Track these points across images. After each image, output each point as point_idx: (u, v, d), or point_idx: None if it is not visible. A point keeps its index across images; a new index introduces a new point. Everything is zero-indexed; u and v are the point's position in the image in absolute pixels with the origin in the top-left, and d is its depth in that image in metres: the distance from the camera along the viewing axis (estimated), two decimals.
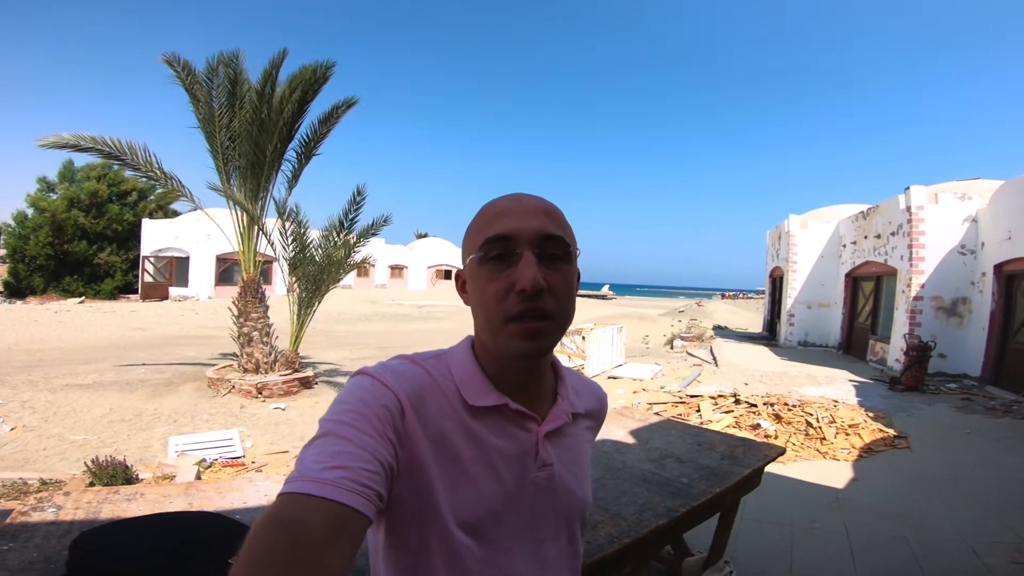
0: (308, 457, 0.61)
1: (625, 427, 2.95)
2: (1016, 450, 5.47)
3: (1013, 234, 8.71)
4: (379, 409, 0.66)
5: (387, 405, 0.67)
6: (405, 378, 0.72)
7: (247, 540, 0.52)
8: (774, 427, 5.95)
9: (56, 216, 22.70)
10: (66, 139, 6.57)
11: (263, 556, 0.50)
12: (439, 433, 0.72)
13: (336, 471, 0.58)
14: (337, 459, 0.59)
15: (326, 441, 0.62)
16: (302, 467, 0.59)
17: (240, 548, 0.51)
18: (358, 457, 0.60)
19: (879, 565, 3.18)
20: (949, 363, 9.75)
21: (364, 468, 0.60)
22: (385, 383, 0.70)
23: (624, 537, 1.70)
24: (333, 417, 0.65)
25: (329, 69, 7.50)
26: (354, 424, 0.64)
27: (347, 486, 0.57)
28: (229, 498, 1.95)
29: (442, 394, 0.75)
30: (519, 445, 0.78)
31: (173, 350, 11.04)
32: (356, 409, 0.66)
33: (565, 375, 0.88)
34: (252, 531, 0.53)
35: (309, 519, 0.54)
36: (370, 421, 0.65)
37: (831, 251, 14.40)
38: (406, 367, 0.75)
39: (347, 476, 0.58)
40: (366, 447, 0.62)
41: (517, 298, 0.70)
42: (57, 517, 1.68)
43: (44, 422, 5.69)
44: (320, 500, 0.55)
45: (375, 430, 0.64)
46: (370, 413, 0.65)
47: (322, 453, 0.60)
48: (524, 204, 0.75)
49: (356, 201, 7.99)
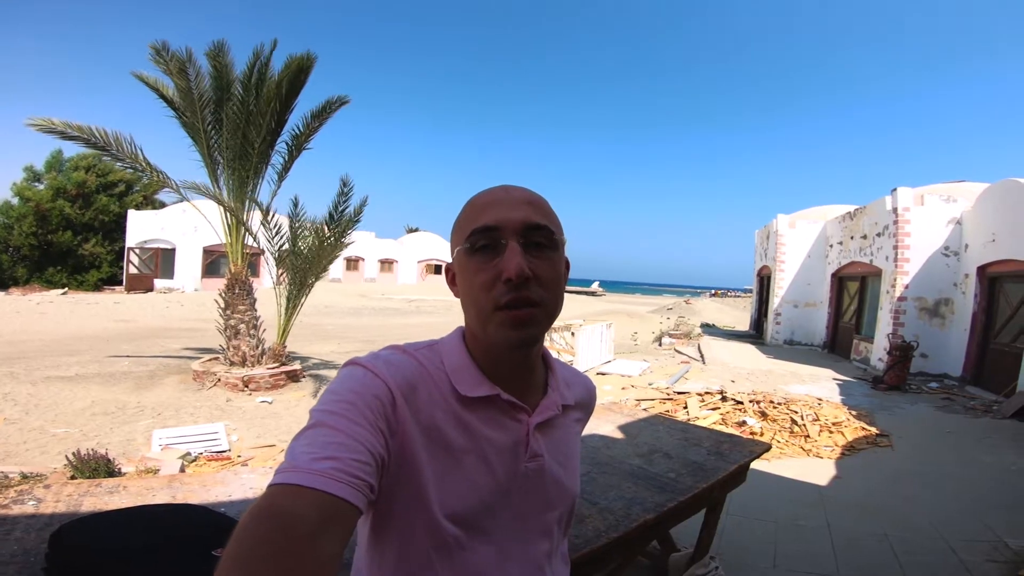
0: (299, 448, 0.60)
1: (613, 423, 2.97)
2: (995, 450, 5.56)
3: (997, 236, 8.85)
4: (371, 399, 0.66)
5: (379, 395, 0.67)
6: (397, 368, 0.72)
7: (236, 531, 0.51)
8: (760, 424, 6.01)
9: (41, 206, 22.34)
10: (55, 124, 6.50)
11: (252, 547, 0.50)
12: (431, 423, 0.72)
13: (327, 462, 0.58)
14: (328, 450, 0.59)
15: (317, 432, 0.62)
16: (293, 458, 0.59)
17: (228, 540, 0.50)
18: (349, 448, 0.60)
19: (860, 561, 3.23)
20: (931, 363, 9.91)
21: (355, 459, 0.60)
22: (377, 373, 0.69)
23: (612, 531, 1.71)
24: (324, 407, 0.65)
25: (311, 60, 7.47)
26: (345, 414, 0.63)
27: (338, 477, 0.57)
28: (214, 491, 1.93)
29: (434, 384, 0.75)
30: (510, 436, 0.78)
31: (158, 342, 10.92)
32: (347, 399, 0.65)
33: (556, 367, 0.88)
34: (241, 522, 0.52)
35: (300, 510, 0.53)
36: (361, 412, 0.64)
37: (818, 251, 14.55)
38: (398, 357, 0.74)
39: (338, 467, 0.58)
40: (357, 438, 0.62)
41: (504, 287, 0.70)
42: (37, 510, 1.66)
43: (25, 415, 5.61)
44: (311, 491, 0.55)
45: (367, 420, 0.64)
46: (361, 403, 0.65)
47: (313, 444, 0.60)
48: (509, 195, 0.76)
49: (344, 193, 7.93)
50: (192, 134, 7.55)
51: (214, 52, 7.40)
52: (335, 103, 7.95)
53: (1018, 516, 3.87)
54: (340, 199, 7.94)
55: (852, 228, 12.56)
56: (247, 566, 0.48)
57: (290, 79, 7.33)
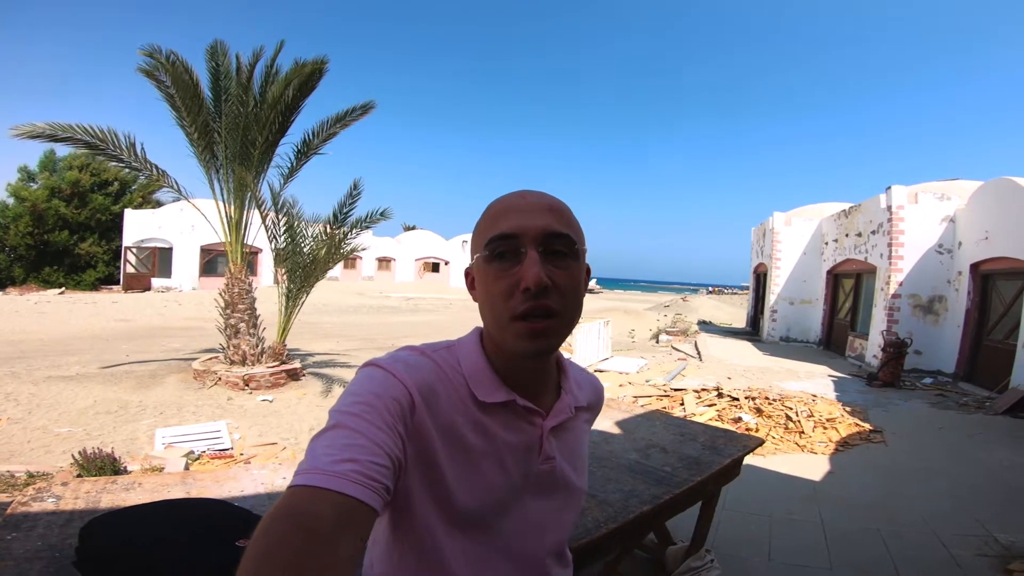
0: (319, 449, 0.62)
1: (612, 418, 3.04)
2: (986, 446, 5.61)
3: (990, 234, 8.94)
4: (390, 402, 0.67)
5: (398, 398, 0.68)
6: (416, 370, 0.72)
7: (257, 531, 0.53)
8: (755, 420, 6.09)
9: (37, 205, 22.29)
10: (40, 128, 6.34)
11: (273, 547, 0.51)
12: (449, 425, 0.73)
13: (346, 464, 0.59)
14: (347, 452, 0.60)
15: (337, 433, 0.63)
16: (313, 459, 0.60)
17: (251, 539, 0.52)
18: (368, 450, 0.61)
19: (853, 555, 3.28)
20: (925, 359, 9.99)
21: (373, 461, 0.61)
22: (396, 375, 0.70)
23: (611, 522, 1.77)
24: (344, 408, 0.66)
25: (324, 64, 7.46)
26: (364, 416, 0.64)
27: (357, 479, 0.58)
28: (227, 486, 1.99)
29: (452, 387, 0.76)
30: (525, 439, 0.80)
31: (157, 342, 10.94)
32: (367, 401, 0.66)
33: (568, 369, 0.90)
34: (262, 523, 0.54)
35: (319, 511, 0.55)
36: (380, 414, 0.65)
37: (814, 248, 14.64)
38: (417, 359, 0.75)
39: (357, 469, 0.59)
40: (376, 440, 0.63)
41: (522, 296, 0.71)
42: (57, 507, 1.71)
43: (28, 414, 5.64)
44: (330, 493, 0.56)
45: (385, 423, 0.65)
46: (381, 406, 0.66)
47: (332, 445, 0.61)
48: (529, 201, 0.76)
49: (352, 195, 7.95)
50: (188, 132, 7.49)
51: (212, 51, 7.43)
52: (358, 110, 7.88)
53: (1008, 511, 3.92)
54: (348, 200, 7.96)
55: (847, 226, 12.65)
56: (268, 565, 0.50)
57: (301, 81, 7.32)
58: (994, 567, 3.11)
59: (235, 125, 7.33)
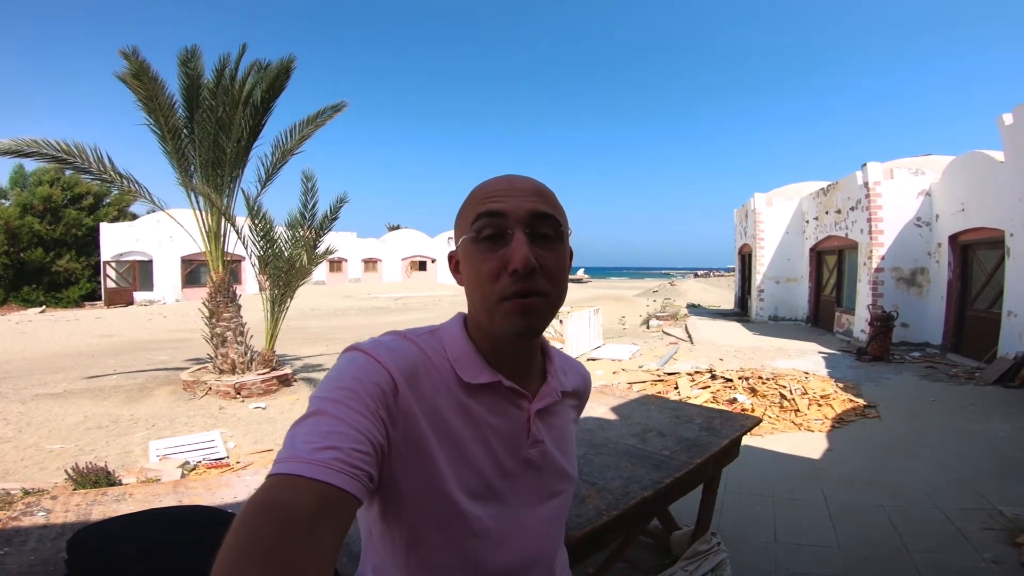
0: (299, 436, 0.60)
1: (606, 404, 3.02)
2: (980, 417, 5.64)
3: (966, 206, 9.08)
4: (371, 387, 0.65)
5: (379, 383, 0.66)
6: (399, 354, 0.71)
7: (235, 524, 0.50)
8: (750, 400, 6.12)
9: (10, 223, 21.77)
10: (6, 145, 6.17)
11: (251, 541, 0.49)
12: (433, 410, 0.72)
13: (327, 452, 0.57)
14: (328, 439, 0.58)
15: (318, 420, 0.61)
16: (293, 446, 0.59)
17: (228, 530, 0.50)
18: (350, 438, 0.60)
19: (859, 532, 3.27)
20: (912, 332, 10.15)
21: (356, 449, 0.59)
22: (378, 359, 0.69)
23: (612, 510, 1.75)
24: (324, 395, 0.64)
25: (291, 64, 7.36)
26: (346, 402, 0.63)
27: (339, 468, 0.57)
28: (219, 493, 1.96)
29: (436, 371, 0.74)
30: (512, 422, 0.79)
31: (144, 355, 10.79)
32: (348, 387, 0.65)
33: (553, 354, 0.89)
34: (240, 514, 0.52)
35: (299, 500, 0.53)
36: (362, 399, 0.64)
37: (796, 227, 14.78)
38: (399, 343, 0.74)
39: (338, 457, 0.57)
40: (358, 427, 0.61)
41: (510, 278, 0.70)
42: (48, 520, 1.67)
43: (19, 433, 5.54)
44: (311, 481, 0.55)
45: (367, 409, 0.63)
46: (362, 391, 0.64)
47: (313, 433, 0.59)
48: (515, 184, 0.75)
49: (309, 188, 7.84)
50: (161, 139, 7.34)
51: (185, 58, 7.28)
52: (330, 110, 7.80)
53: (1009, 483, 3.91)
54: (307, 197, 7.85)
55: (826, 203, 12.78)
56: (246, 559, 0.48)
57: (268, 83, 7.22)
58: (1001, 540, 3.10)
59: (204, 131, 7.20)
